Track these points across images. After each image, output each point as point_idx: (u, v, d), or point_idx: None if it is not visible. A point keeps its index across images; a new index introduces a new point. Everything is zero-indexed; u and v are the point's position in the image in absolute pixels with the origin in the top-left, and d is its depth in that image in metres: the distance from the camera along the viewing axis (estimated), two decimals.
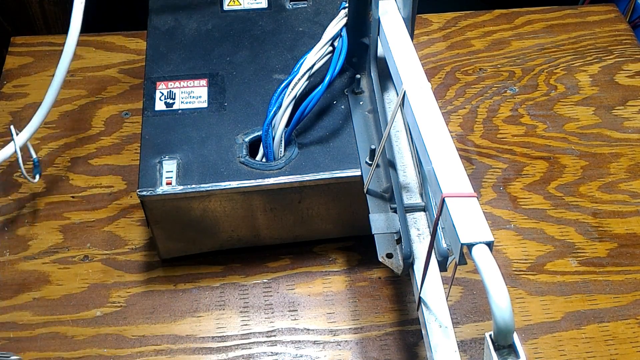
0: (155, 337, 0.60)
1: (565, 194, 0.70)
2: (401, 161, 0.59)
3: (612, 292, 0.63)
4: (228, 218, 0.60)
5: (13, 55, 0.81)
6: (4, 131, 0.73)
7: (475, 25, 0.86)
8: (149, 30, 0.69)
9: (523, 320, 0.61)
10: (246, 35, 0.69)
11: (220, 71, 0.65)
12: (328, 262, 0.64)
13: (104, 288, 0.62)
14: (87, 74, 0.79)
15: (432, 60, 0.82)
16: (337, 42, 0.61)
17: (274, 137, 0.59)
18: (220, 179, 0.57)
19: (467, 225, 0.39)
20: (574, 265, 0.65)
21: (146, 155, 0.59)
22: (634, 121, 0.77)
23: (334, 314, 0.61)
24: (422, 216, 0.55)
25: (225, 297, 0.62)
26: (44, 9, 1.10)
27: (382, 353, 0.59)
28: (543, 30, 0.86)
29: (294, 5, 0.72)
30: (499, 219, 0.68)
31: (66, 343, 0.59)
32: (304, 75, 0.59)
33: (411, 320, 0.61)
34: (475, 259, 0.38)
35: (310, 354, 0.59)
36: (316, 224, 0.63)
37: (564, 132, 0.75)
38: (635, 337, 0.60)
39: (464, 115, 0.77)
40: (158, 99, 0.63)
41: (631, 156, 0.74)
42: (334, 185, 0.59)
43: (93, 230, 0.66)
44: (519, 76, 0.81)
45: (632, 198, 0.70)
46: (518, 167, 0.72)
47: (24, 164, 0.63)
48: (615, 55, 0.83)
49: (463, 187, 0.42)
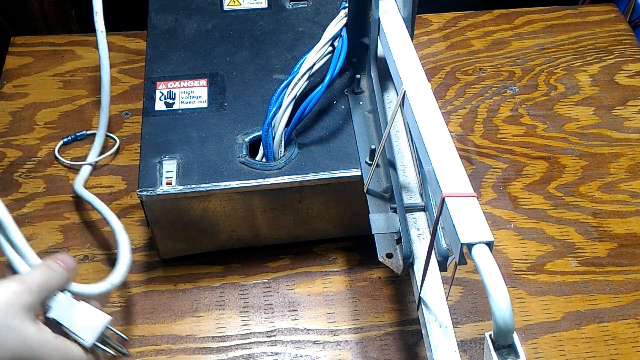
0: (155, 337, 0.60)
1: (565, 194, 0.70)
2: (401, 161, 0.59)
3: (612, 292, 0.63)
4: (228, 218, 0.60)
5: (13, 55, 0.81)
6: (4, 131, 0.73)
7: (475, 25, 0.86)
8: (149, 30, 0.69)
9: (523, 320, 0.61)
10: (246, 35, 0.69)
11: (220, 71, 0.65)
12: (328, 262, 0.64)
13: None
14: (87, 74, 0.79)
15: (432, 60, 0.82)
16: (337, 42, 0.61)
17: (274, 137, 0.59)
18: (220, 179, 0.57)
19: (467, 225, 0.39)
20: (574, 265, 0.65)
21: (146, 155, 0.59)
22: (634, 121, 0.77)
23: (334, 314, 0.61)
24: (422, 216, 0.55)
25: (225, 297, 0.62)
26: (44, 9, 1.10)
27: (382, 353, 0.59)
28: (543, 30, 0.86)
29: (294, 5, 0.72)
30: (499, 219, 0.68)
31: None
32: (304, 75, 0.59)
33: (411, 320, 0.61)
34: (475, 259, 0.38)
35: (310, 354, 0.59)
36: (316, 224, 0.63)
37: (564, 132, 0.75)
38: (635, 337, 0.60)
39: (464, 115, 0.77)
40: (158, 99, 0.63)
41: (631, 156, 0.74)
42: (334, 185, 0.59)
43: (93, 230, 0.66)
44: (519, 76, 0.81)
45: (632, 198, 0.70)
46: (518, 167, 0.72)
47: (23, 164, 0.63)
48: (615, 55, 0.83)
49: (463, 187, 0.42)
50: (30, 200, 0.68)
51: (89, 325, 0.47)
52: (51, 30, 1.12)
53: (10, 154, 0.71)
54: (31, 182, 0.69)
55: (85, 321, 0.47)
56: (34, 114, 0.75)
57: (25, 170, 0.70)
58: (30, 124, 0.74)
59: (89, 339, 0.47)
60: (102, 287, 0.50)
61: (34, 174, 0.70)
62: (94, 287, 0.50)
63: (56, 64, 0.80)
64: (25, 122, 0.74)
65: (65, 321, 0.47)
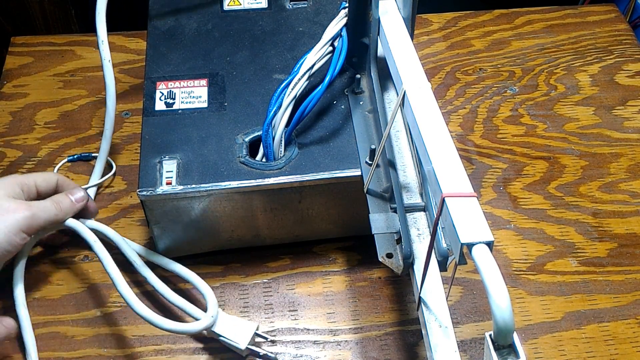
0: (155, 337, 0.60)
1: (565, 194, 0.70)
2: (401, 161, 0.59)
3: (612, 292, 0.63)
4: (228, 218, 0.60)
5: (13, 55, 0.81)
6: (4, 131, 0.73)
7: (475, 25, 0.86)
8: (149, 30, 0.69)
9: (523, 320, 0.61)
10: (246, 35, 0.69)
11: (220, 71, 0.65)
12: (328, 262, 0.64)
13: (104, 288, 0.62)
14: (87, 74, 0.79)
15: (432, 60, 0.82)
16: (337, 42, 0.61)
17: (274, 137, 0.59)
18: (220, 179, 0.57)
19: (467, 225, 0.39)
20: (574, 265, 0.65)
21: (146, 155, 0.59)
22: (634, 121, 0.77)
23: (334, 314, 0.61)
24: (422, 216, 0.55)
25: (225, 297, 0.62)
26: (44, 9, 1.10)
27: (382, 353, 0.59)
28: (543, 30, 0.86)
29: (294, 5, 0.72)
30: (499, 219, 0.68)
31: (66, 343, 0.59)
32: (304, 75, 0.59)
33: (411, 320, 0.61)
34: (475, 259, 0.38)
35: (310, 354, 0.59)
36: (316, 224, 0.63)
37: (564, 132, 0.75)
38: (635, 337, 0.60)
39: (464, 115, 0.77)
40: (158, 99, 0.63)
41: (631, 156, 0.74)
42: (334, 185, 0.59)
43: None
44: (519, 76, 0.81)
45: (632, 198, 0.70)
46: (518, 167, 0.72)
47: (23, 164, 0.63)
48: (615, 55, 0.83)
49: (463, 187, 0.42)
50: None
51: (242, 333, 0.57)
52: (51, 30, 1.13)
53: (10, 154, 0.71)
54: None
55: (238, 330, 0.57)
56: (34, 114, 0.75)
57: (25, 170, 0.70)
58: (30, 124, 0.74)
59: (243, 344, 0.57)
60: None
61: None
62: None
63: (56, 64, 0.80)
64: (25, 122, 0.74)
65: (224, 333, 0.57)
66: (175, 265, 0.60)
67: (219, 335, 0.57)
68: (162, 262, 0.61)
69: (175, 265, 0.60)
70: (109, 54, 0.65)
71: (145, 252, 0.62)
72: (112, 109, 0.66)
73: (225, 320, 0.58)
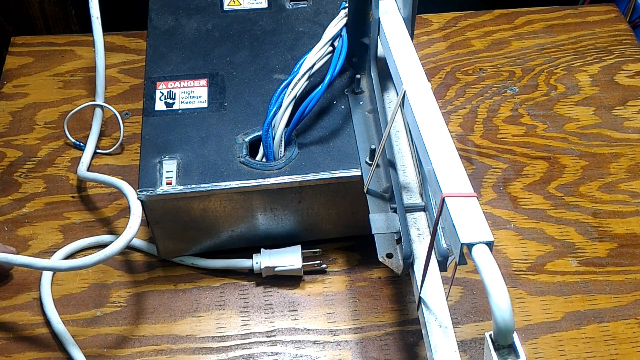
0: (155, 337, 0.60)
1: (565, 194, 0.70)
2: (401, 161, 0.59)
3: (612, 292, 0.63)
4: (228, 218, 0.60)
5: (13, 55, 0.81)
6: (4, 131, 0.73)
7: (475, 25, 0.86)
8: (149, 30, 0.69)
9: (523, 320, 0.61)
10: (246, 35, 0.69)
11: (220, 71, 0.65)
12: (328, 262, 0.64)
13: (104, 288, 0.62)
14: (87, 74, 0.79)
15: (432, 60, 0.82)
16: (337, 42, 0.61)
17: (274, 137, 0.59)
18: (220, 179, 0.57)
19: (467, 225, 0.39)
20: (574, 265, 0.65)
21: (146, 155, 0.59)
22: (634, 121, 0.77)
23: (334, 314, 0.61)
24: (422, 216, 0.55)
25: (225, 297, 0.62)
26: (44, 9, 1.10)
27: (382, 353, 0.59)
28: (543, 30, 0.86)
29: (294, 5, 0.72)
30: (499, 219, 0.68)
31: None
32: (304, 75, 0.59)
33: (411, 320, 0.61)
34: (475, 259, 0.38)
35: (310, 354, 0.59)
36: (316, 224, 0.63)
37: (564, 132, 0.75)
38: (635, 337, 0.60)
39: (464, 115, 0.77)
40: (158, 99, 0.63)
41: (631, 156, 0.74)
42: (334, 185, 0.59)
43: (93, 230, 0.66)
44: (519, 76, 0.81)
45: (632, 198, 0.70)
46: (518, 167, 0.72)
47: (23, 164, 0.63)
48: (615, 55, 0.83)
49: (463, 187, 0.42)
50: (30, 200, 0.68)
51: (292, 256, 0.62)
52: (51, 30, 1.12)
53: (10, 154, 0.71)
54: (31, 182, 0.69)
55: (288, 256, 0.62)
56: (34, 114, 0.75)
57: (25, 170, 0.70)
58: (30, 124, 0.74)
59: (298, 264, 0.61)
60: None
61: (34, 174, 0.70)
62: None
63: (56, 64, 0.80)
64: (25, 122, 0.74)
65: (278, 264, 0.61)
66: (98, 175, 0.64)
67: (274, 268, 0.61)
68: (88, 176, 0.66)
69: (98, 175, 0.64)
70: (98, 11, 0.69)
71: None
72: (101, 67, 0.70)
73: (273, 255, 0.62)
